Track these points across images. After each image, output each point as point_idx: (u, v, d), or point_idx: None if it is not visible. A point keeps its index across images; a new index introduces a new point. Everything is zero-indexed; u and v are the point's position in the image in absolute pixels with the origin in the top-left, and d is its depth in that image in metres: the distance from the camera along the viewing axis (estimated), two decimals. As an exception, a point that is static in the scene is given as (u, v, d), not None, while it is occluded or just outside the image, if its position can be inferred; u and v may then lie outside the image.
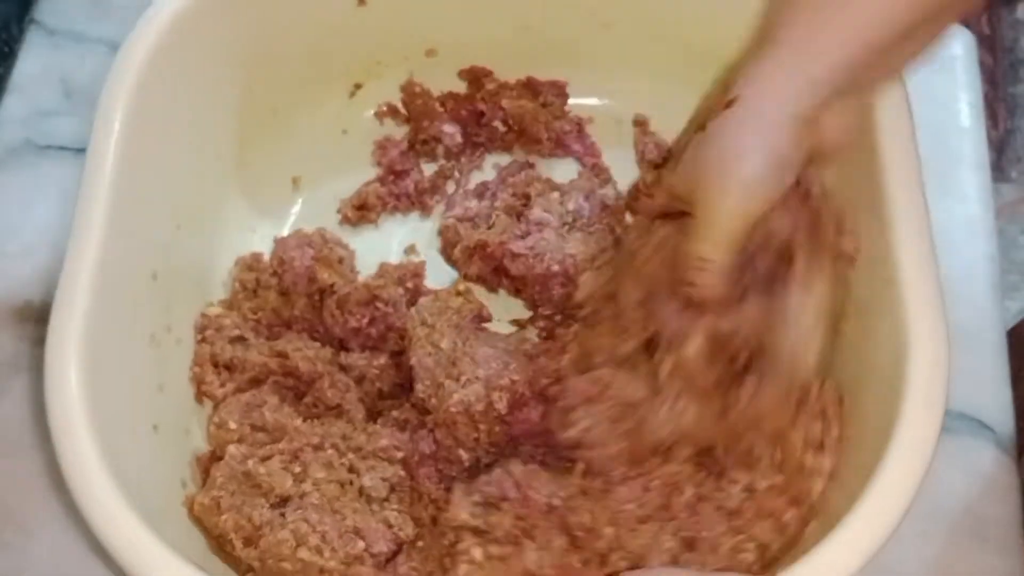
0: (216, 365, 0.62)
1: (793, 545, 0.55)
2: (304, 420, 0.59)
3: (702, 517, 0.54)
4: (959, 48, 0.76)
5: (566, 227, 0.66)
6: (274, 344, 0.62)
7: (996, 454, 0.63)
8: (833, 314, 0.54)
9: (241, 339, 0.63)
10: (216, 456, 0.58)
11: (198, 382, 0.61)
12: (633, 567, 0.52)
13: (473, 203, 0.69)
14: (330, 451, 0.57)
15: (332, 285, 0.63)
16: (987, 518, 0.61)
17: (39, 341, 0.56)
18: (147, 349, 0.57)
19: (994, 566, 0.60)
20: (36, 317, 0.65)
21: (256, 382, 0.61)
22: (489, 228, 0.66)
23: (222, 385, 0.61)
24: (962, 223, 0.69)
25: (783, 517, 0.55)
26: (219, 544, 0.55)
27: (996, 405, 0.64)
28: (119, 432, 0.52)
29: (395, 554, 0.55)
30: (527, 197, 0.67)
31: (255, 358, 0.61)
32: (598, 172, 0.70)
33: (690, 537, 0.53)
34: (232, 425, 0.58)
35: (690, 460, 0.56)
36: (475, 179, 0.71)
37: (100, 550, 0.49)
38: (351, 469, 0.57)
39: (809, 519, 0.55)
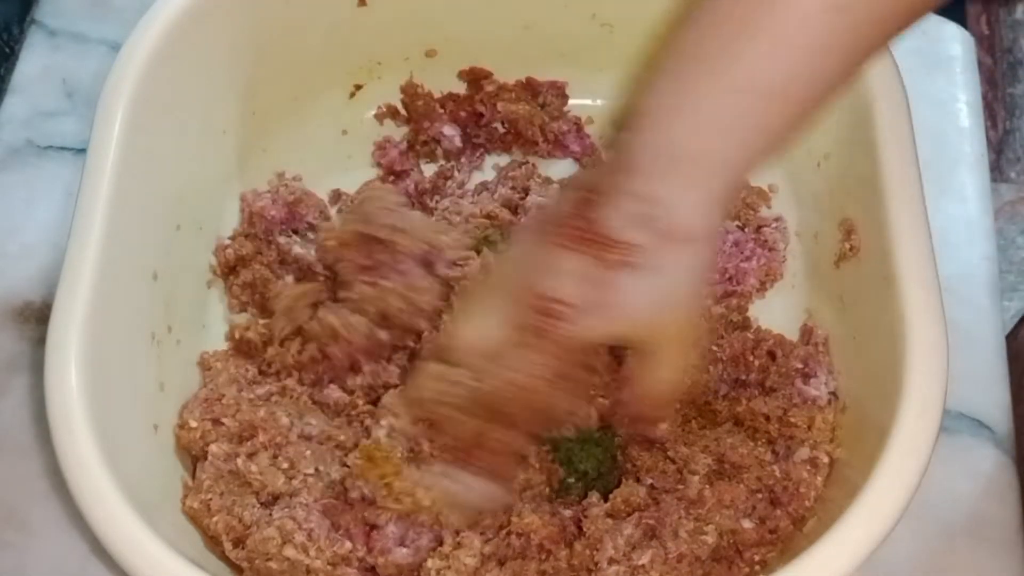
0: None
1: (783, 538, 0.55)
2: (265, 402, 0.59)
3: (662, 506, 0.54)
4: (958, 48, 0.76)
5: None
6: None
7: (995, 454, 0.63)
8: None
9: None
10: (195, 457, 0.58)
11: (204, 367, 0.62)
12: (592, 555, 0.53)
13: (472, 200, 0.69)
14: (316, 445, 0.57)
15: None
16: (986, 518, 0.61)
17: (39, 341, 0.56)
18: (147, 349, 0.57)
19: (993, 566, 0.60)
20: (36, 317, 0.66)
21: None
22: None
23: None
24: (961, 223, 0.69)
25: (745, 504, 0.55)
26: (214, 544, 0.55)
27: (995, 405, 0.64)
28: (119, 432, 0.52)
29: None
30: (526, 191, 0.67)
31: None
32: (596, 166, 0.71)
33: (651, 525, 0.53)
34: (193, 424, 0.58)
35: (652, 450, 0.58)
36: (475, 179, 0.71)
37: (101, 550, 0.49)
38: (343, 463, 0.57)
39: (800, 515, 0.55)
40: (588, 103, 0.72)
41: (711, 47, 0.47)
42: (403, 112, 0.72)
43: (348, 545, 0.53)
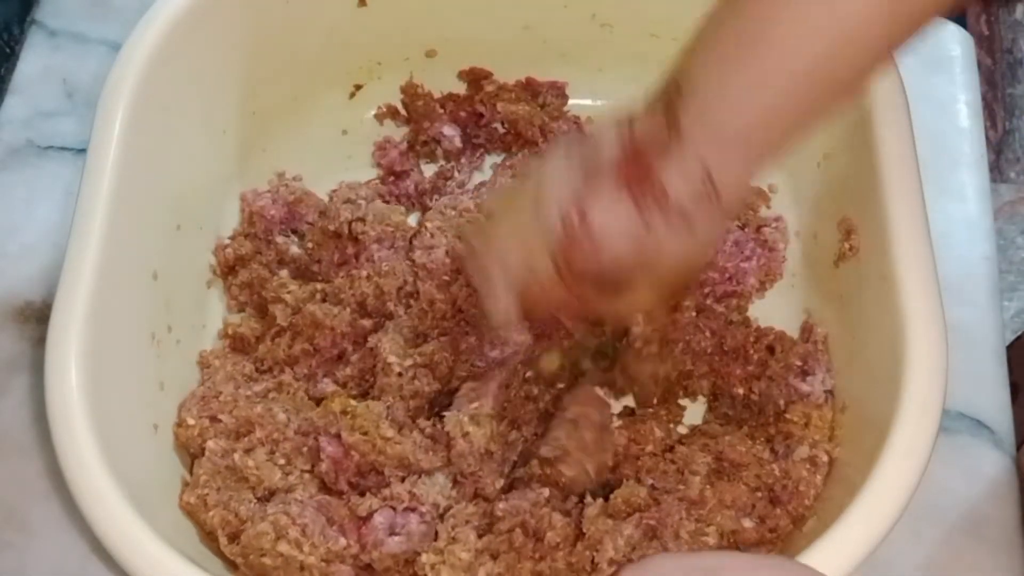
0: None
1: (782, 537, 0.55)
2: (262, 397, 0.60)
3: (663, 506, 0.54)
4: (957, 49, 0.76)
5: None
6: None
7: (994, 454, 0.63)
8: None
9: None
10: (193, 454, 0.58)
11: (203, 365, 0.62)
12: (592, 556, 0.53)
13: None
14: (312, 440, 0.57)
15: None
16: (985, 518, 0.61)
17: (39, 341, 0.56)
18: (147, 348, 0.57)
19: (992, 565, 0.60)
20: (37, 317, 0.66)
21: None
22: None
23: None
24: (961, 223, 0.69)
25: (745, 504, 0.55)
26: (210, 539, 0.55)
27: (994, 405, 0.64)
28: (119, 432, 0.52)
29: None
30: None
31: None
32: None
33: (651, 525, 0.53)
34: (191, 421, 0.58)
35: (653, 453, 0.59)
36: (475, 179, 0.71)
37: (101, 549, 0.49)
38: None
39: (799, 514, 0.55)
40: (588, 103, 0.72)
41: (752, 29, 0.49)
42: (403, 112, 0.72)
43: (343, 541, 0.53)
